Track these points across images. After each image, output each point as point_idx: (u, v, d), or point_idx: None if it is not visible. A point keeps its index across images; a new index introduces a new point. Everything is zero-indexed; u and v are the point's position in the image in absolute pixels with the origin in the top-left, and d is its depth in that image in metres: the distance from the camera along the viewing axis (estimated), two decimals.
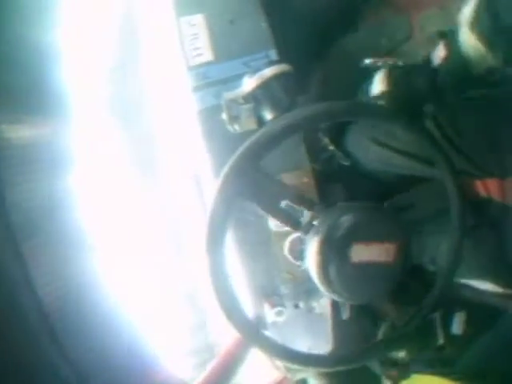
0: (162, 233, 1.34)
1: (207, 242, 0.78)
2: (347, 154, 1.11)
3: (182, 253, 1.36)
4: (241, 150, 0.80)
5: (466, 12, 0.87)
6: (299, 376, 1.22)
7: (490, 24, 0.82)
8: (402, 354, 0.95)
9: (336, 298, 0.84)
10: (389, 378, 1.00)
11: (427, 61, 1.05)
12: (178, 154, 1.27)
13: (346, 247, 0.79)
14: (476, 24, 0.84)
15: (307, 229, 0.83)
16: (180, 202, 1.31)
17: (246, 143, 0.80)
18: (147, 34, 1.32)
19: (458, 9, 0.99)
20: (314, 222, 0.83)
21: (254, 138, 0.81)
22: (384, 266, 0.81)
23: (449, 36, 0.93)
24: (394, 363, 0.96)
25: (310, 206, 0.83)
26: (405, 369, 0.95)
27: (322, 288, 0.82)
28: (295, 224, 0.84)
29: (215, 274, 0.79)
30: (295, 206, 0.84)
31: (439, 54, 0.96)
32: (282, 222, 0.85)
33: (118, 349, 0.94)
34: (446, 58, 0.94)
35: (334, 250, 0.79)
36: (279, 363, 1.18)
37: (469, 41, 0.87)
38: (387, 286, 0.85)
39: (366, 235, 0.81)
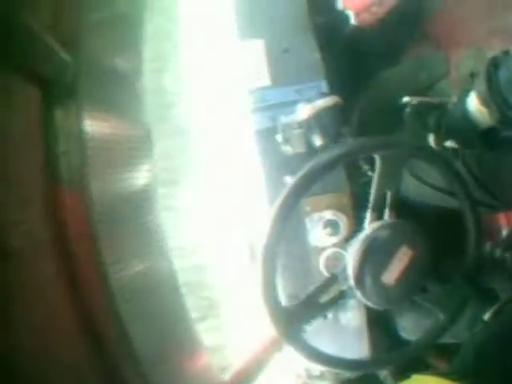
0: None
1: (264, 252, 0.87)
2: None
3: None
4: (295, 178, 0.89)
5: (478, 85, 1.03)
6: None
7: (495, 99, 0.98)
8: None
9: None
10: None
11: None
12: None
13: (375, 279, 0.89)
14: (483, 95, 1.01)
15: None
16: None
17: (300, 173, 0.89)
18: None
19: (493, 51, 1.11)
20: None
21: (306, 168, 0.90)
22: (410, 269, 0.90)
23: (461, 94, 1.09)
24: None
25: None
26: None
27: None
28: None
29: (266, 280, 0.87)
30: None
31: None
32: None
33: (170, 333, 1.03)
34: None
35: (362, 283, 0.89)
36: (301, 370, 1.27)
37: (475, 103, 1.03)
38: (422, 282, 0.94)
39: (384, 261, 0.90)
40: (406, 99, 1.26)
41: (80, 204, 0.78)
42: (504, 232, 1.41)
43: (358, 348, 1.11)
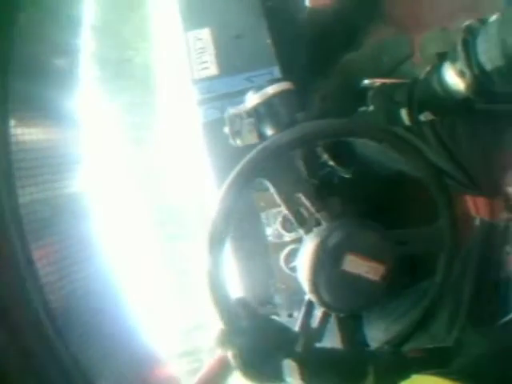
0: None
1: (209, 244, 0.80)
2: (347, 167, 1.14)
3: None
4: (241, 163, 0.83)
5: (452, 55, 0.94)
6: None
7: (473, 70, 0.89)
8: None
9: (317, 302, 0.85)
10: None
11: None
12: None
13: (340, 254, 0.81)
14: (460, 66, 0.92)
15: (309, 228, 0.85)
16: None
17: (246, 158, 0.83)
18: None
19: (458, 31, 1.05)
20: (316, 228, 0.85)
21: (254, 152, 0.83)
22: (370, 284, 0.83)
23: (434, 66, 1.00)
24: None
25: (320, 208, 0.86)
26: None
27: (305, 287, 0.84)
28: (301, 220, 0.86)
29: (213, 276, 0.80)
30: (308, 202, 0.86)
31: None
32: (290, 211, 0.86)
33: (123, 347, 0.97)
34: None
35: (327, 254, 0.82)
36: None
37: (450, 74, 0.94)
38: (368, 303, 0.88)
39: (361, 249, 0.83)
40: (366, 82, 1.20)
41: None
42: (477, 222, 1.36)
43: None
